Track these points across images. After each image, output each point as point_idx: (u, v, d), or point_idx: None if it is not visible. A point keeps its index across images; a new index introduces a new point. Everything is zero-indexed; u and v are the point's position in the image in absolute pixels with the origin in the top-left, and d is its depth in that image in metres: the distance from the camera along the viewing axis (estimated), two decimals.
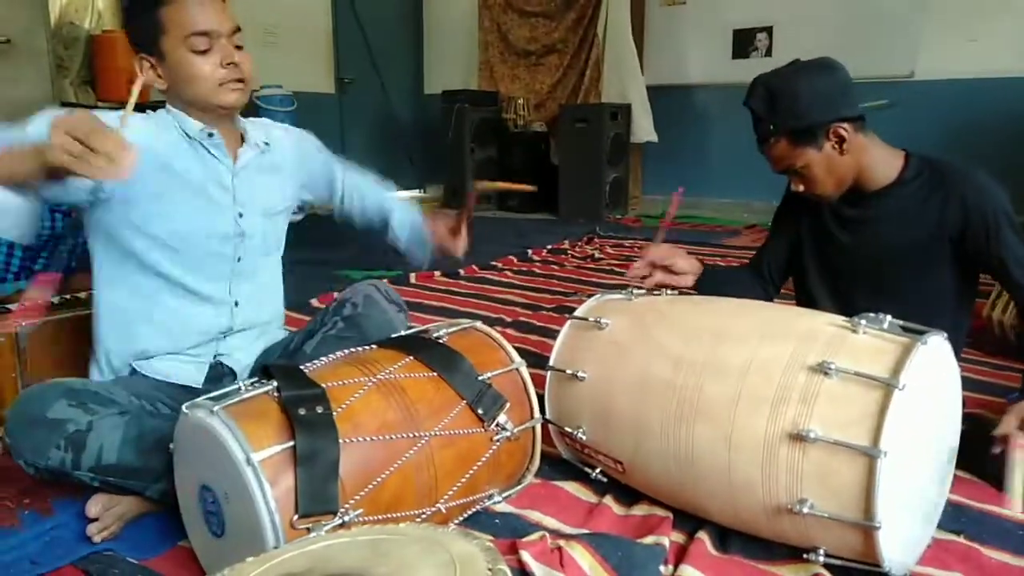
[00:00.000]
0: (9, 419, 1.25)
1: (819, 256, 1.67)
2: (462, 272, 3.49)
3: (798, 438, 1.09)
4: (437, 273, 3.44)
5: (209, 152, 1.41)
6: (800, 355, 1.15)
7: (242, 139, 1.48)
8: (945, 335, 1.16)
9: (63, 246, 2.07)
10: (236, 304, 1.48)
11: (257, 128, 1.52)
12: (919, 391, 1.08)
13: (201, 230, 1.41)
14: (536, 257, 3.91)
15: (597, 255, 3.97)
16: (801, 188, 1.54)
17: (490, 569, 0.66)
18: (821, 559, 1.11)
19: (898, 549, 1.08)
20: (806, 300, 1.68)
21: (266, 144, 1.50)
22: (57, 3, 4.49)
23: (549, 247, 4.11)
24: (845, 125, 1.45)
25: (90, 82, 4.60)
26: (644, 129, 5.61)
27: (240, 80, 1.36)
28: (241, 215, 1.45)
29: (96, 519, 1.26)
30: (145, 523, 1.32)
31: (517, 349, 1.39)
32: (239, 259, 1.47)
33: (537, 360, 1.75)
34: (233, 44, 1.35)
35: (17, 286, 2.12)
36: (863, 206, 1.55)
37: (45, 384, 1.29)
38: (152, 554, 1.24)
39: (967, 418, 1.34)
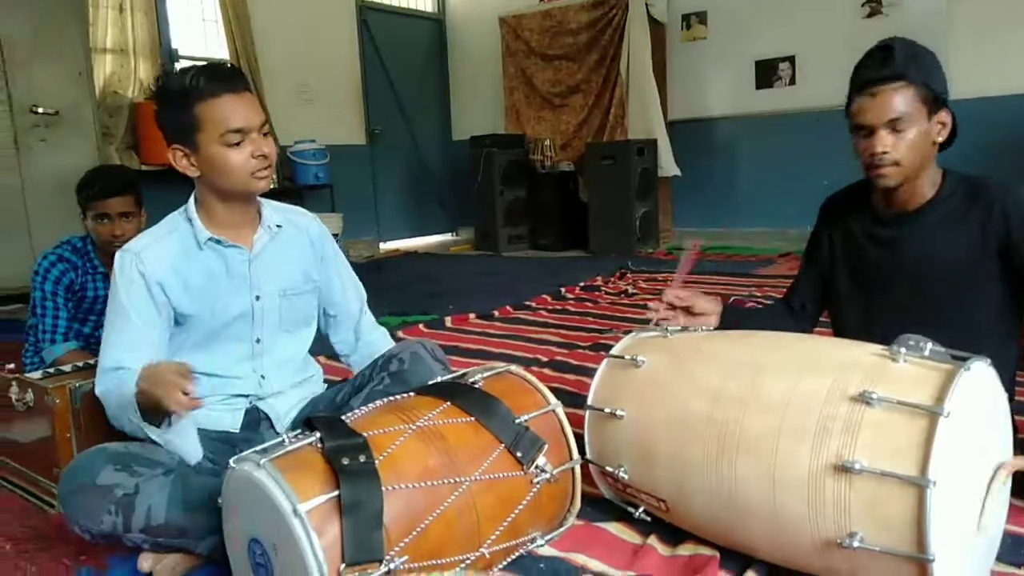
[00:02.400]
0: (61, 488, 1.30)
1: (855, 282, 1.64)
2: (496, 313, 3.51)
3: (843, 470, 1.07)
4: (472, 315, 3.47)
5: (224, 246, 1.49)
6: (840, 386, 1.14)
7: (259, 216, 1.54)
8: (989, 360, 1.14)
9: None
10: (263, 377, 1.56)
11: (276, 213, 1.57)
12: (965, 418, 1.06)
13: (219, 317, 1.49)
14: (570, 295, 3.92)
15: (631, 290, 3.96)
16: (889, 147, 1.43)
17: None
18: None
19: None
20: (843, 330, 1.66)
21: (279, 227, 1.56)
22: (102, 75, 4.72)
23: (582, 284, 4.12)
24: (950, 116, 1.45)
25: (134, 147, 4.80)
26: (669, 163, 5.64)
27: (268, 167, 1.45)
28: (258, 298, 1.52)
29: (150, 573, 1.29)
30: None
31: (554, 389, 1.40)
32: (258, 340, 1.54)
33: (575, 399, 1.75)
34: (261, 134, 1.43)
35: (66, 347, 2.19)
36: (901, 225, 1.53)
37: (91, 451, 1.34)
38: None
39: (1021, 443, 1.31)
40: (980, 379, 1.13)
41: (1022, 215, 1.41)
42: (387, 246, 6.75)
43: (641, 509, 1.40)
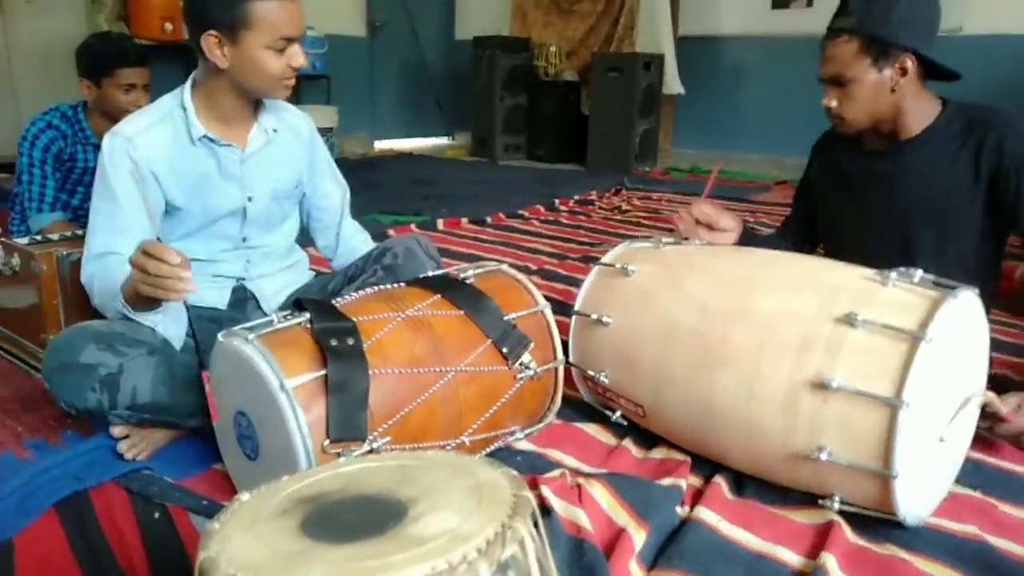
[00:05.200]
0: (44, 366, 1.30)
1: (846, 218, 1.65)
2: (489, 220, 3.50)
3: (820, 387, 1.10)
4: (464, 220, 3.45)
5: (218, 144, 1.44)
6: (827, 306, 1.15)
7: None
8: (976, 290, 1.15)
9: None
10: (248, 262, 1.56)
11: (270, 113, 1.52)
12: (946, 345, 1.08)
13: (209, 213, 1.46)
14: (563, 207, 3.90)
15: (624, 207, 3.95)
16: (834, 104, 1.48)
17: (514, 495, 0.68)
18: (836, 506, 1.13)
19: (914, 499, 1.10)
20: None
21: (275, 131, 1.51)
22: None
23: (576, 197, 4.10)
24: (912, 60, 1.42)
25: (124, 18, 4.60)
26: (674, 80, 5.51)
27: (295, 77, 1.40)
28: (250, 199, 1.49)
29: (125, 436, 1.32)
30: (180, 447, 1.37)
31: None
32: (244, 239, 1.53)
33: (562, 308, 1.76)
34: (299, 45, 1.37)
35: (53, 217, 2.17)
36: (893, 157, 1.52)
37: (73, 329, 1.33)
38: (187, 475, 1.29)
39: (992, 377, 1.34)
40: (965, 308, 1.14)
41: (1016, 157, 1.39)
42: (381, 144, 6.63)
43: (618, 413, 1.44)
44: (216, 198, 1.45)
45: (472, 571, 0.57)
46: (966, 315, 1.16)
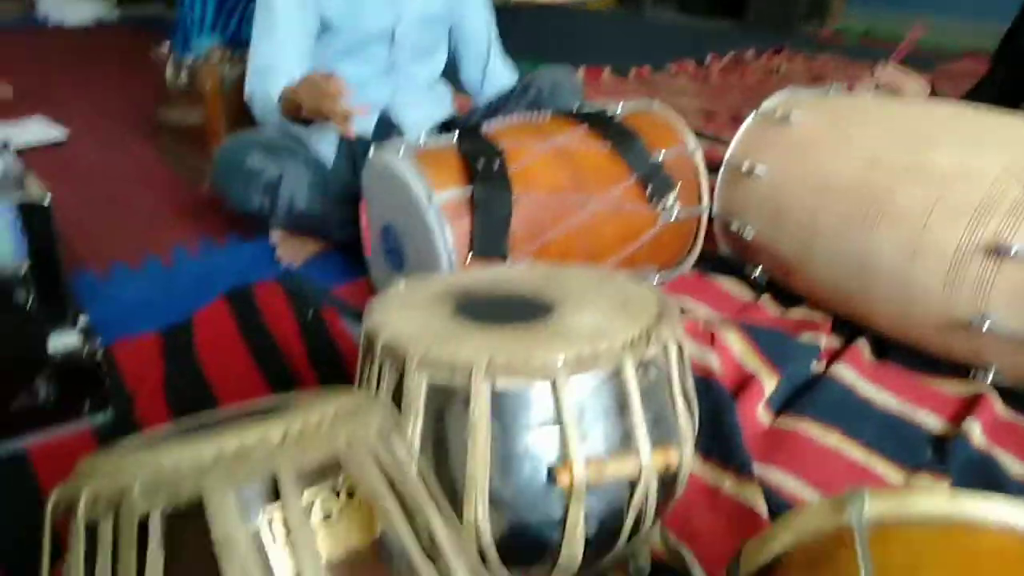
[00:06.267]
0: (215, 169, 1.41)
1: None
2: (632, 73, 3.34)
3: (995, 251, 1.00)
4: (606, 71, 3.31)
5: None
6: (1017, 167, 1.03)
7: None
8: None
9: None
10: (395, 89, 1.55)
11: None
12: None
13: (360, 30, 1.46)
14: (715, 65, 3.64)
15: (783, 69, 3.64)
16: None
17: (660, 306, 0.68)
18: (990, 378, 1.06)
19: None
20: None
21: None
22: None
23: (730, 55, 3.81)
24: None
25: None
26: None
27: None
28: (400, 20, 1.47)
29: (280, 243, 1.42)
30: (331, 257, 1.46)
31: None
32: (392, 64, 1.51)
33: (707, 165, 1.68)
34: None
35: (213, 39, 2.25)
36: None
37: (240, 136, 1.43)
38: (337, 284, 1.38)
39: None
40: None
41: None
42: None
43: (759, 270, 1.39)
44: (366, 16, 1.45)
45: (616, 361, 0.58)
46: None
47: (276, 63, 1.41)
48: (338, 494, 0.44)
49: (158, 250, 1.49)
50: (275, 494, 0.42)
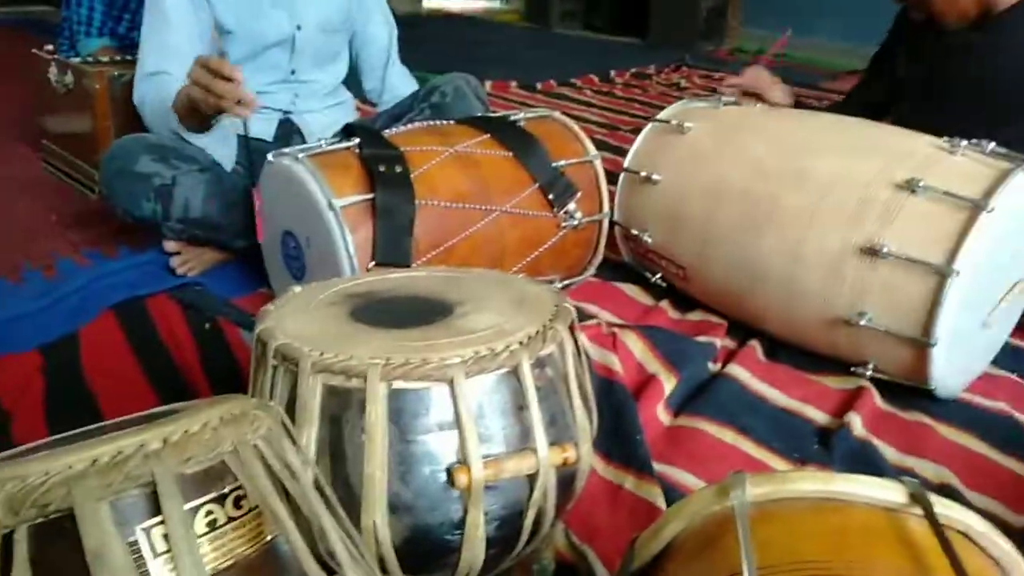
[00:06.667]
0: (102, 173, 1.33)
1: (922, 94, 1.55)
2: (539, 86, 3.39)
3: (870, 252, 1.07)
4: (514, 84, 3.35)
5: None
6: (889, 171, 1.11)
7: None
8: None
9: None
10: (296, 96, 1.54)
11: None
12: (1008, 218, 1.04)
13: (258, 39, 1.44)
14: (618, 79, 3.75)
15: (683, 84, 3.78)
16: None
17: (556, 304, 0.69)
18: (869, 372, 1.13)
19: (948, 372, 1.09)
20: None
21: None
22: None
23: (633, 70, 3.93)
24: None
25: None
26: None
27: None
28: (299, 28, 1.46)
29: (177, 252, 1.36)
30: (229, 268, 1.42)
31: None
32: (293, 71, 1.50)
33: (610, 178, 1.72)
34: None
35: (101, 42, 2.15)
36: (981, 31, 1.42)
37: (129, 138, 1.36)
38: (235, 295, 1.34)
39: None
40: None
41: None
42: (430, 4, 6.38)
43: (658, 275, 1.44)
44: (264, 20, 1.43)
45: (513, 359, 0.59)
46: None
47: (168, 68, 1.36)
48: (224, 502, 0.43)
49: (41, 263, 1.40)
50: (156, 505, 0.40)
